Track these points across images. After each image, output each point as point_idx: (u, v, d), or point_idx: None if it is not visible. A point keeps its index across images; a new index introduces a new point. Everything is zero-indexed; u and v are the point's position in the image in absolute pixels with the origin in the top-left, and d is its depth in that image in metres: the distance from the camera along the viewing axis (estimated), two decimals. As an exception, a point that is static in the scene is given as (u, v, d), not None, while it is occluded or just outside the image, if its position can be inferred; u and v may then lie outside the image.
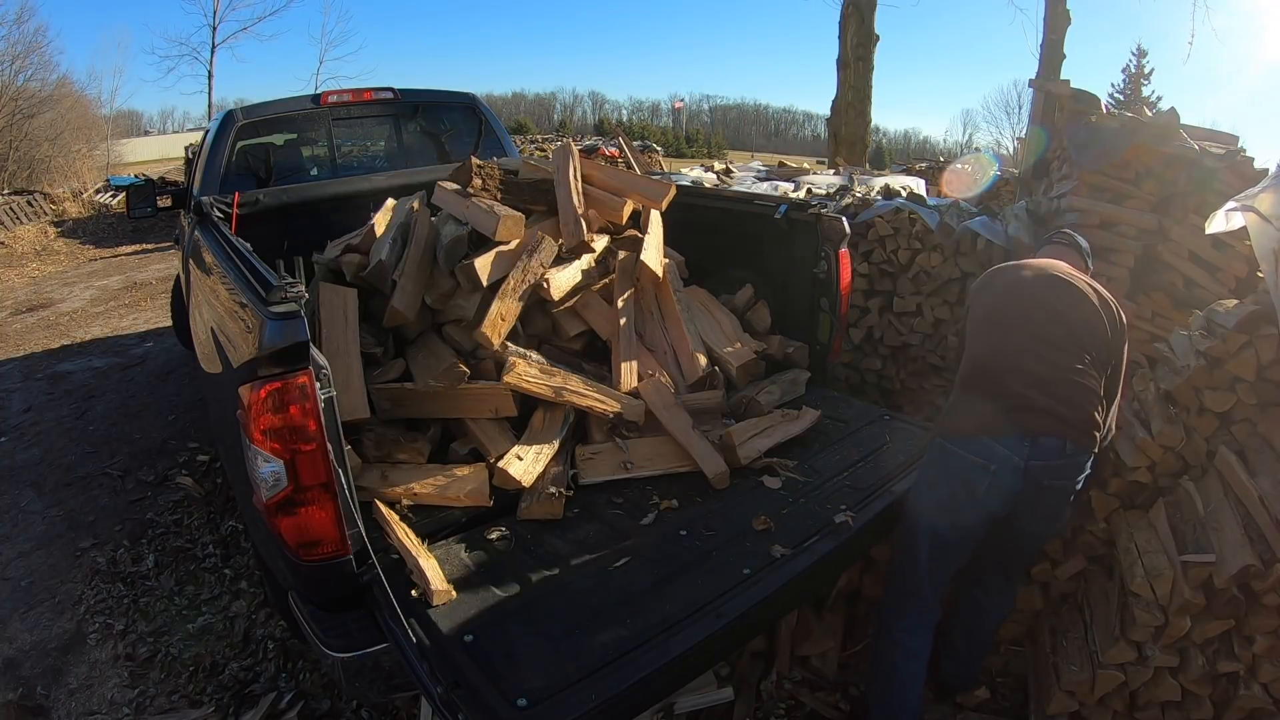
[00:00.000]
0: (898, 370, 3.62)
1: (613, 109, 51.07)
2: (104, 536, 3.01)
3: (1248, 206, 2.03)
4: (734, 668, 2.16)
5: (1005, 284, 1.94)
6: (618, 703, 1.34)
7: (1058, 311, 1.81)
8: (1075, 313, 1.81)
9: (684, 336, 2.45)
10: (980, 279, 2.05)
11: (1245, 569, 1.66)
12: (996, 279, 1.98)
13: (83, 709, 2.18)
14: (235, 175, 3.23)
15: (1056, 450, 1.70)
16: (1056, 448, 1.70)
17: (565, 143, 2.80)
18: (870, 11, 10.09)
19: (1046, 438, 1.70)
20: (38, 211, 10.07)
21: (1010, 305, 1.88)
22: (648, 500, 1.95)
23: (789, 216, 2.61)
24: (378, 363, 2.26)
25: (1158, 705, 1.84)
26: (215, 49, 20.91)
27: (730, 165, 7.54)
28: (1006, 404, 1.73)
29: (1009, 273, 1.98)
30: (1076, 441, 1.71)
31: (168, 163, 18.41)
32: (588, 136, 23.29)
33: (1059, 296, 1.84)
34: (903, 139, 45.69)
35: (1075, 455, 1.72)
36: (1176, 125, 2.95)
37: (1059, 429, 1.70)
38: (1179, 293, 2.84)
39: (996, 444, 1.71)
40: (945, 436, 1.82)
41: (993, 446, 1.71)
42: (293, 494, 1.44)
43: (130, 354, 5.21)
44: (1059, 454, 1.70)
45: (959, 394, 1.87)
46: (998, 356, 1.81)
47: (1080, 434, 1.71)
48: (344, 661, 1.48)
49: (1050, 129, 3.77)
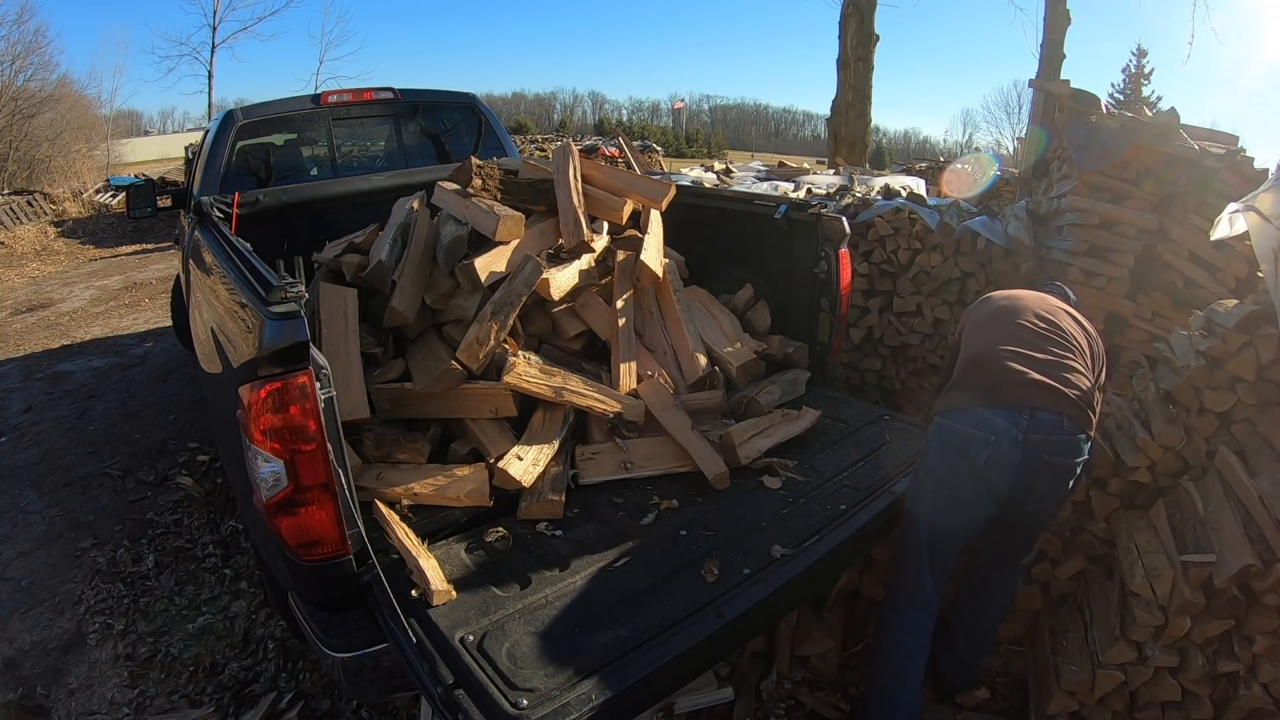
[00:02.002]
0: (898, 370, 3.63)
1: (613, 109, 51.17)
2: (104, 536, 3.01)
3: (1249, 207, 2.04)
4: (734, 668, 2.16)
5: (997, 300, 2.06)
6: (618, 703, 1.34)
7: (1046, 316, 1.90)
8: (1065, 317, 1.93)
9: (684, 336, 2.45)
10: (972, 305, 2.14)
11: (1245, 569, 1.66)
12: (987, 302, 2.08)
13: (83, 709, 2.18)
14: (235, 175, 3.23)
15: (1055, 425, 1.71)
16: (1055, 422, 1.71)
17: (565, 143, 2.80)
18: (870, 11, 10.10)
19: (1044, 412, 1.71)
20: (38, 211, 10.07)
21: (1003, 311, 1.97)
22: (648, 500, 1.95)
23: (789, 216, 2.61)
24: (378, 363, 2.26)
25: (1158, 705, 1.84)
26: (215, 49, 20.95)
27: (730, 165, 7.54)
28: (1004, 378, 1.76)
29: (999, 295, 2.09)
30: (1073, 419, 1.72)
31: (168, 163, 18.43)
32: (588, 136, 23.31)
33: (1047, 307, 1.95)
34: (903, 139, 45.77)
35: (1073, 432, 1.73)
36: (1176, 125, 2.95)
37: (1056, 404, 1.71)
38: (1179, 293, 2.84)
39: (995, 415, 1.72)
40: (942, 413, 1.83)
41: (991, 418, 1.72)
42: (293, 494, 1.44)
43: (130, 354, 5.21)
44: (1058, 429, 1.71)
45: (953, 383, 1.91)
46: (992, 346, 1.86)
47: (1077, 411, 1.73)
48: (344, 661, 1.48)
49: (1050, 129, 3.77)
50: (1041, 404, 1.71)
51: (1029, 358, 1.78)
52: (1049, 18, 8.50)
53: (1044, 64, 8.52)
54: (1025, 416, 1.71)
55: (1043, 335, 1.84)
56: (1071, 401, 1.73)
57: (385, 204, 2.72)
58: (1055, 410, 1.71)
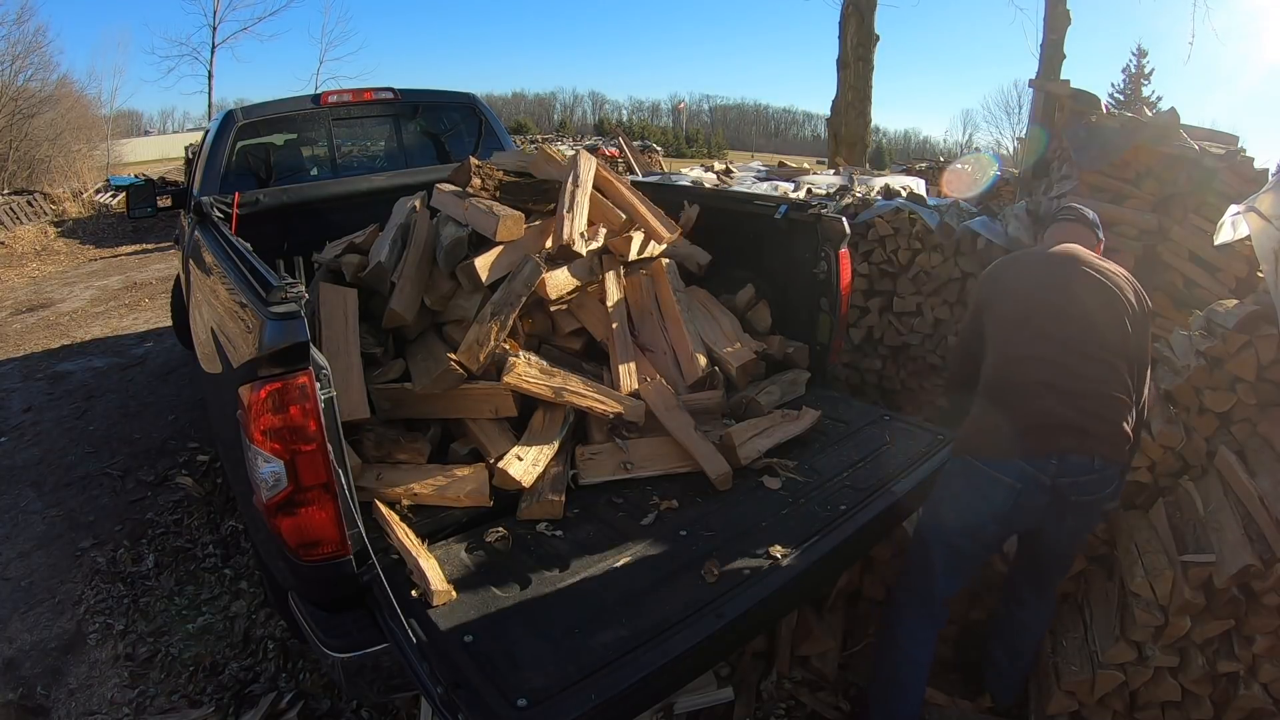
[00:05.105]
0: (898, 370, 3.63)
1: (613, 109, 51.09)
2: (104, 536, 3.00)
3: (1250, 208, 2.04)
4: (734, 668, 2.16)
5: (1023, 281, 1.87)
6: (618, 703, 1.34)
7: (1084, 312, 1.75)
8: (1100, 311, 1.74)
9: (684, 337, 2.44)
10: (989, 271, 1.99)
11: (1245, 569, 1.66)
12: (1007, 272, 1.92)
13: (83, 709, 2.18)
14: (235, 175, 3.23)
15: (1084, 467, 1.66)
16: (1085, 465, 1.66)
17: (580, 150, 2.78)
18: (870, 11, 10.10)
19: (1074, 455, 1.65)
20: (38, 211, 10.07)
21: (1034, 310, 1.80)
22: (648, 500, 1.95)
23: (789, 217, 2.61)
24: (378, 363, 2.26)
25: (1158, 705, 1.84)
26: (215, 49, 20.90)
27: (730, 165, 7.53)
28: (1034, 421, 1.68)
29: (1024, 267, 1.92)
30: (1105, 456, 1.67)
31: (168, 163, 18.41)
32: (588, 136, 23.27)
33: (1081, 292, 1.77)
34: (903, 139, 45.70)
35: (1104, 470, 1.68)
36: (1176, 125, 2.96)
37: (1088, 446, 1.65)
38: (1179, 293, 2.84)
39: (1024, 465, 1.67)
40: (971, 454, 1.77)
41: (1021, 467, 1.67)
42: (293, 494, 1.44)
43: (130, 354, 5.21)
44: (1087, 470, 1.66)
45: (982, 404, 1.81)
46: (1024, 366, 1.75)
47: (1110, 449, 1.67)
48: (344, 661, 1.48)
49: (1050, 129, 3.77)
50: (1072, 448, 1.65)
51: (1061, 391, 1.68)
52: (1049, 18, 8.50)
53: (1044, 64, 8.53)
54: (1054, 462, 1.65)
55: (1078, 352, 1.71)
56: (1104, 440, 1.66)
57: (385, 204, 2.72)
58: (1086, 452, 1.66)
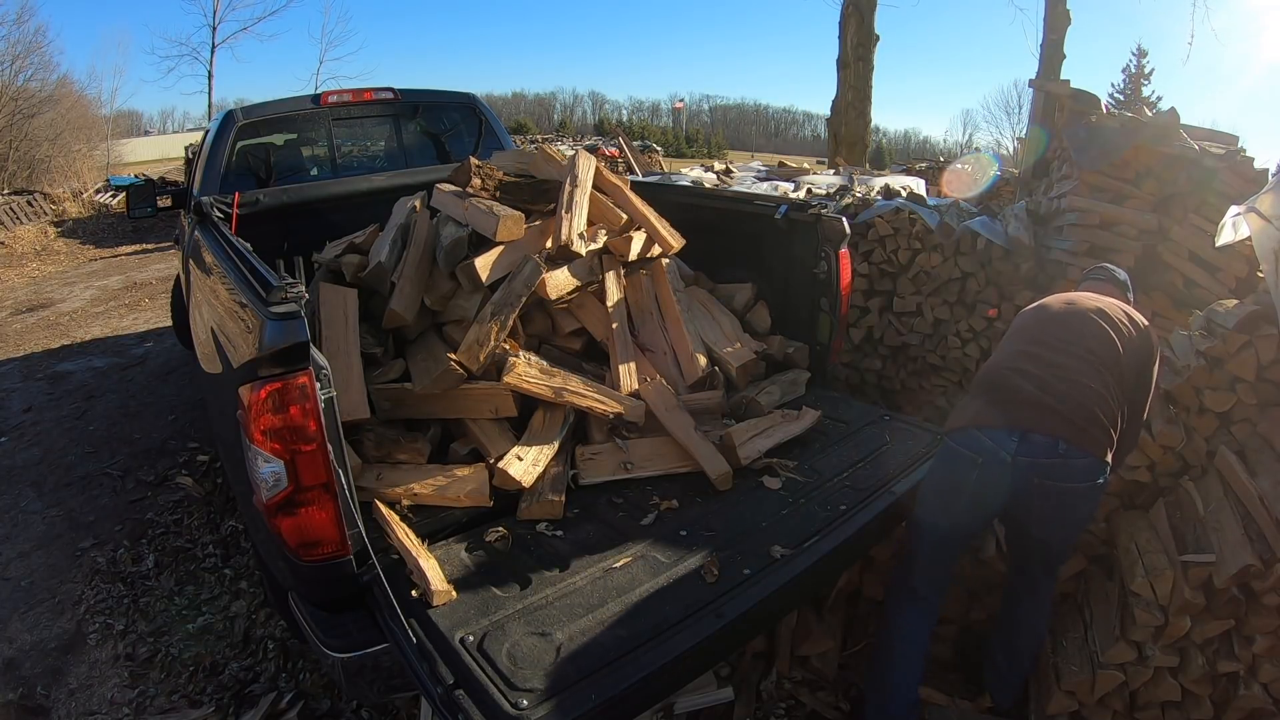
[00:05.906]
0: (898, 370, 3.63)
1: (613, 109, 51.17)
2: (104, 536, 3.00)
3: (1250, 209, 2.04)
4: (734, 668, 2.16)
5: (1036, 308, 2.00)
6: (618, 703, 1.34)
7: (1071, 327, 1.84)
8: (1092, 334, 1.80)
9: (684, 337, 2.44)
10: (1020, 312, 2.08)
11: (1245, 569, 1.66)
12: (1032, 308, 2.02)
13: (83, 709, 2.18)
14: (235, 175, 3.23)
15: (1047, 448, 1.67)
16: (1047, 445, 1.67)
17: (581, 150, 2.78)
18: (870, 11, 10.10)
19: (1036, 434, 1.68)
20: (38, 211, 10.08)
21: (1034, 320, 1.94)
22: (648, 500, 1.95)
23: (789, 217, 2.61)
24: (378, 363, 2.26)
25: (1158, 705, 1.84)
26: (215, 49, 20.97)
27: (730, 165, 7.54)
28: (998, 396, 1.76)
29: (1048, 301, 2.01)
30: (1071, 441, 1.66)
31: (168, 163, 18.42)
32: (588, 136, 23.28)
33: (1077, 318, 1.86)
34: (903, 139, 45.75)
35: (1070, 456, 1.66)
36: (1176, 125, 2.96)
37: (1051, 426, 1.67)
38: (1179, 293, 2.84)
39: (983, 435, 1.72)
40: (945, 431, 1.88)
41: (979, 438, 1.73)
42: (293, 494, 1.44)
43: (130, 354, 5.21)
44: (1050, 452, 1.67)
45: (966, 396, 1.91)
46: (1004, 359, 1.86)
47: (1076, 433, 1.66)
48: (344, 661, 1.48)
49: (1050, 129, 3.77)
50: (1034, 425, 1.67)
51: (1033, 375, 1.74)
52: (1049, 18, 8.51)
53: (1044, 64, 8.53)
54: (1015, 438, 1.68)
55: (1058, 348, 1.77)
56: (1069, 423, 1.67)
57: (385, 204, 2.72)
58: (1048, 432, 1.67)
